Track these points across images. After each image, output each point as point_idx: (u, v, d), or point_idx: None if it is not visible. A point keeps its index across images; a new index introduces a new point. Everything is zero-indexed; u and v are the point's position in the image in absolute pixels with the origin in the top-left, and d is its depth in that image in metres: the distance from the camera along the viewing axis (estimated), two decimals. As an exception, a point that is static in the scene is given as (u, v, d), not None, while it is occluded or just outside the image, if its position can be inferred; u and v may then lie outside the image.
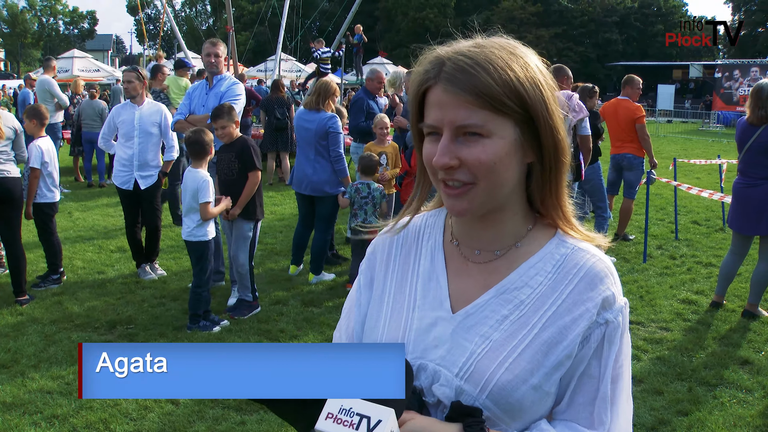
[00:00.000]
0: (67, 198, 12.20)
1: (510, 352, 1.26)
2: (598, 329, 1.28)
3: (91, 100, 13.09)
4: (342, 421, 1.07)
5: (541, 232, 1.36)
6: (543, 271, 1.31)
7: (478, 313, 1.31)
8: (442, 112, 1.21)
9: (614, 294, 1.29)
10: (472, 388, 1.25)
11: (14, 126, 6.43)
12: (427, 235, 1.45)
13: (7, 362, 5.17)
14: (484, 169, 1.21)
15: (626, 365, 1.32)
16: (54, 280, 7.08)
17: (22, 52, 79.50)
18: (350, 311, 1.51)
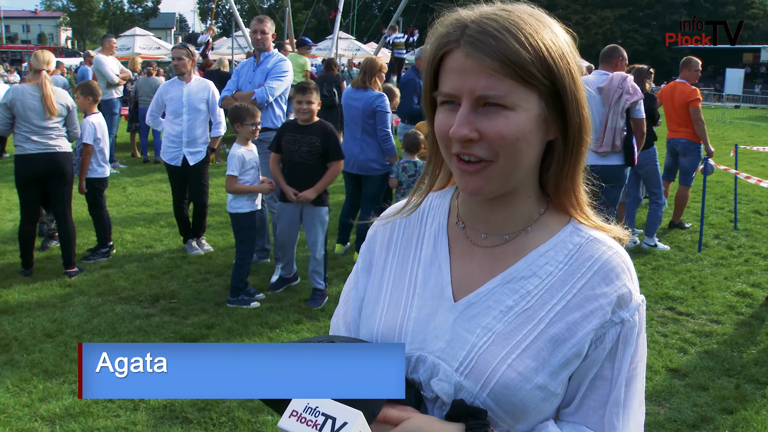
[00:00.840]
0: (123, 173, 12.47)
1: (514, 348, 1.16)
2: (613, 329, 1.18)
3: (147, 77, 13.30)
4: (306, 420, 1.01)
5: (553, 218, 1.25)
6: (554, 260, 1.21)
7: (481, 303, 1.21)
8: (463, 79, 1.10)
9: (631, 291, 1.19)
10: (472, 385, 1.16)
11: (66, 103, 6.54)
12: (431, 217, 1.34)
13: (53, 332, 5.30)
14: (505, 144, 1.10)
15: (641, 367, 1.23)
16: (103, 254, 7.22)
17: (88, 31, 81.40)
18: (348, 296, 1.43)
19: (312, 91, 5.70)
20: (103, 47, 12.53)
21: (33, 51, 7.38)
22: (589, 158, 4.94)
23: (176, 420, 4.06)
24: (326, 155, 5.76)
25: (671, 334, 5.51)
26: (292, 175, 5.80)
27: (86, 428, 3.94)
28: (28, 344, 5.07)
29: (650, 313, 5.96)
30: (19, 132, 6.32)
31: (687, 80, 8.53)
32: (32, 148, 6.32)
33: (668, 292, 6.45)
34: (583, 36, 61.58)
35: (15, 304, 5.88)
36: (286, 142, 5.77)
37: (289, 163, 5.80)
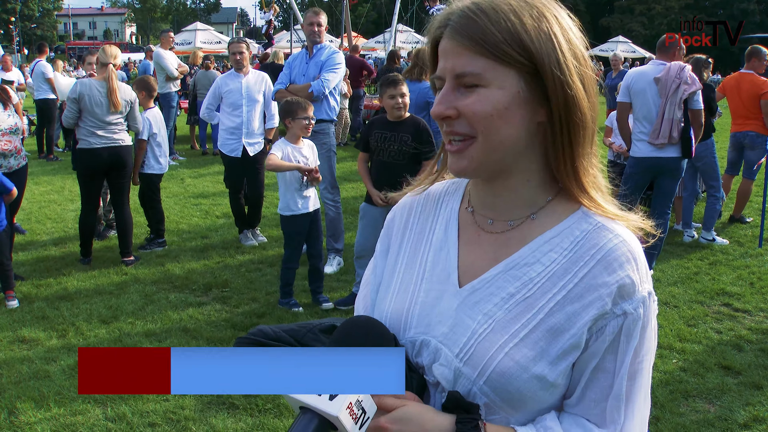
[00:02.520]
0: (182, 165, 12.74)
1: (512, 336, 1.16)
2: (614, 321, 1.14)
3: (206, 71, 13.53)
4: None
5: (562, 204, 1.23)
6: (559, 247, 1.19)
7: (484, 289, 1.21)
8: (444, 61, 1.16)
9: (634, 282, 1.15)
10: (470, 372, 1.16)
11: (130, 98, 6.71)
12: (445, 202, 1.35)
13: (108, 318, 5.46)
14: (480, 120, 1.12)
15: (647, 362, 1.20)
16: (159, 243, 7.40)
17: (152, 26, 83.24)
18: (368, 279, 1.45)
19: (402, 83, 5.34)
20: (161, 42, 12.81)
21: (99, 47, 7.59)
22: (645, 150, 4.89)
23: (223, 405, 4.14)
24: (418, 154, 5.35)
25: (726, 331, 5.36)
26: (380, 176, 5.45)
27: (136, 411, 4.05)
28: (85, 330, 5.24)
29: (705, 309, 5.82)
30: (84, 126, 6.50)
31: (755, 70, 8.26)
32: (97, 143, 6.51)
33: (725, 288, 6.28)
34: (647, 27, 60.27)
35: (74, 291, 6.08)
36: (375, 140, 5.43)
37: (378, 163, 5.48)
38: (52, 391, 4.29)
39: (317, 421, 1.02)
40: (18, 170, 6.01)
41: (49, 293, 6.02)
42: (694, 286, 6.35)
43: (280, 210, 5.68)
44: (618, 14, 66.60)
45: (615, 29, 57.45)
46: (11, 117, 5.95)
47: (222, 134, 7.51)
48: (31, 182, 10.71)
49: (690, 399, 4.31)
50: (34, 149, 13.96)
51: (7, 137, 5.86)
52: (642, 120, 6.29)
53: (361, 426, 1.05)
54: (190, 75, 14.45)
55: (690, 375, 4.61)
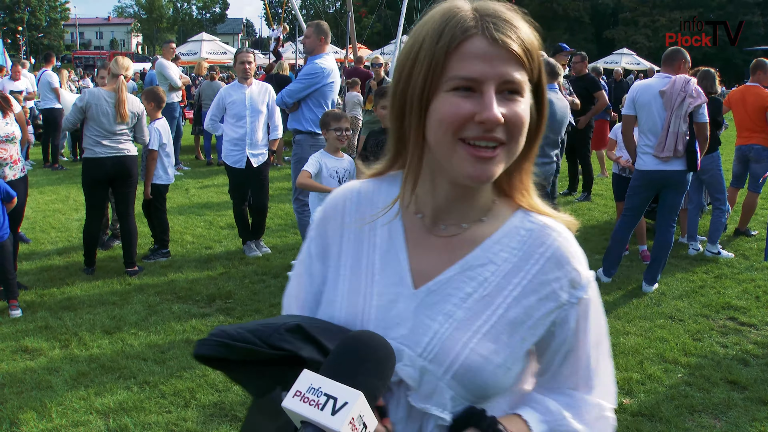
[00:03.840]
0: (186, 175, 12.75)
1: (474, 333, 1.23)
2: (573, 310, 1.27)
3: (210, 81, 13.57)
4: (309, 400, 1.04)
5: (504, 206, 1.32)
6: (508, 247, 1.28)
7: (441, 290, 1.26)
8: (488, 65, 1.12)
9: (580, 272, 1.28)
10: (436, 368, 1.22)
11: (138, 111, 6.72)
12: (381, 203, 1.35)
13: (111, 328, 5.45)
14: (520, 129, 1.16)
15: (603, 327, 1.34)
16: (163, 254, 7.40)
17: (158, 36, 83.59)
18: (300, 278, 1.44)
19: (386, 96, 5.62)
20: (163, 52, 12.86)
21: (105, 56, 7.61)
22: (650, 163, 4.88)
23: (225, 418, 4.12)
24: None
25: (732, 345, 5.33)
26: None
27: (138, 423, 4.04)
28: (87, 340, 5.23)
29: (710, 322, 5.79)
30: (90, 135, 6.51)
31: (760, 83, 8.25)
32: (102, 152, 6.52)
33: (730, 302, 6.25)
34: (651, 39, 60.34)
35: (77, 300, 6.07)
36: (371, 145, 5.60)
37: None
38: (54, 401, 4.27)
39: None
40: (14, 181, 5.94)
41: (53, 303, 6.01)
42: (699, 300, 6.32)
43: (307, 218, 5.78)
44: (622, 26, 66.70)
45: (619, 41, 57.54)
46: (9, 125, 5.93)
47: (226, 145, 7.52)
48: (36, 191, 10.75)
49: (696, 414, 4.28)
50: (40, 158, 14.01)
51: (3, 145, 5.84)
52: (647, 133, 6.27)
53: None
54: (195, 85, 14.49)
55: (696, 390, 4.58)
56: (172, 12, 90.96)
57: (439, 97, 1.15)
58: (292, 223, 8.80)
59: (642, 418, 4.20)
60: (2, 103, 5.97)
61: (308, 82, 6.68)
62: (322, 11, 71.25)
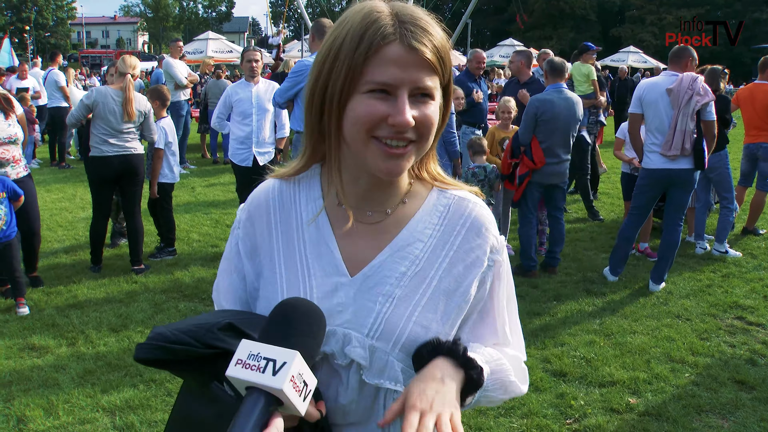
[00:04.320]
0: (192, 174, 12.77)
1: (414, 306, 1.31)
2: (489, 272, 1.39)
3: (217, 80, 13.58)
4: (250, 365, 1.09)
5: (419, 186, 1.42)
6: (430, 224, 1.38)
7: (376, 274, 1.33)
8: (403, 71, 1.20)
9: (496, 237, 1.41)
10: (384, 345, 1.30)
11: (145, 109, 6.72)
12: (303, 199, 1.42)
13: (117, 326, 5.46)
14: (429, 129, 1.25)
15: (511, 289, 1.47)
16: (169, 252, 7.41)
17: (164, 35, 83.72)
18: (230, 275, 1.47)
19: None
20: (171, 51, 12.87)
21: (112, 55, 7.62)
22: (657, 162, 4.86)
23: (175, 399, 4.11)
24: None
25: (740, 345, 5.31)
26: None
27: (144, 420, 4.04)
28: (94, 338, 5.24)
29: (718, 322, 5.77)
30: (96, 134, 6.52)
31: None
32: (109, 150, 6.52)
33: (738, 301, 6.22)
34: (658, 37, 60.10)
35: (83, 299, 6.09)
36: None
37: None
38: (61, 399, 4.28)
39: (264, 399, 1.08)
40: (20, 180, 5.93)
41: (60, 301, 6.03)
42: (706, 299, 6.29)
43: None
44: (629, 24, 66.54)
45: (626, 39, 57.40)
46: (11, 126, 5.92)
47: (232, 143, 7.50)
48: (43, 190, 10.77)
49: (703, 414, 4.26)
50: (47, 157, 14.05)
51: (4, 146, 5.84)
52: (654, 131, 6.25)
53: (304, 399, 1.11)
54: (201, 84, 14.50)
55: (703, 389, 4.56)
56: (178, 11, 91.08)
57: (356, 98, 1.23)
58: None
59: (649, 418, 4.19)
60: (4, 105, 5.97)
61: (294, 80, 6.60)
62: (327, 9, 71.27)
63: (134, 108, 6.54)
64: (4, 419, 4.08)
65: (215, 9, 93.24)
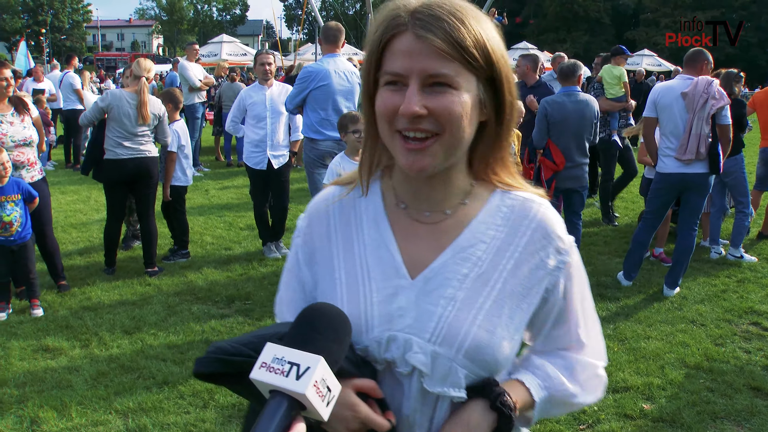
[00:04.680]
0: (206, 176, 12.82)
1: (478, 310, 1.28)
2: (560, 274, 1.35)
3: (231, 83, 13.62)
4: (274, 369, 1.09)
5: (482, 187, 1.38)
6: (493, 225, 1.34)
7: (437, 276, 1.30)
8: (412, 60, 1.18)
9: (563, 239, 1.36)
10: (447, 350, 1.26)
11: (159, 112, 6.75)
12: (362, 203, 1.41)
13: (131, 329, 5.48)
14: (452, 120, 1.20)
15: (586, 288, 1.43)
16: (183, 254, 7.43)
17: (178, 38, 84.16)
18: (290, 285, 1.49)
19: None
20: (186, 53, 12.93)
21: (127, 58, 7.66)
22: (671, 166, 4.82)
23: (243, 419, 4.11)
24: None
25: (755, 351, 5.26)
26: None
27: (156, 423, 4.05)
28: (107, 340, 5.26)
29: (733, 327, 5.72)
30: (111, 136, 6.54)
31: (784, 85, 8.15)
32: (124, 153, 6.55)
33: (753, 307, 6.17)
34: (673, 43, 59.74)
35: (97, 301, 6.12)
36: None
37: None
38: (74, 400, 4.30)
39: (287, 402, 1.07)
40: (34, 183, 5.95)
41: (74, 303, 6.06)
42: (721, 304, 6.24)
43: None
44: (643, 27, 66.19)
45: (640, 42, 57.10)
46: (26, 129, 5.96)
47: (247, 147, 7.51)
48: (58, 192, 10.84)
49: (718, 421, 4.22)
50: (62, 159, 14.13)
51: (20, 149, 5.87)
52: (669, 135, 6.21)
53: (327, 404, 1.10)
54: (216, 87, 14.55)
55: (718, 396, 4.52)
56: (192, 14, 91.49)
57: (379, 91, 1.24)
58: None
59: (663, 424, 4.15)
60: (20, 107, 6.01)
61: (300, 87, 6.65)
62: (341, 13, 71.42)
63: (149, 111, 6.56)
64: (17, 420, 4.10)
65: (229, 12, 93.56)
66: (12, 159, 5.76)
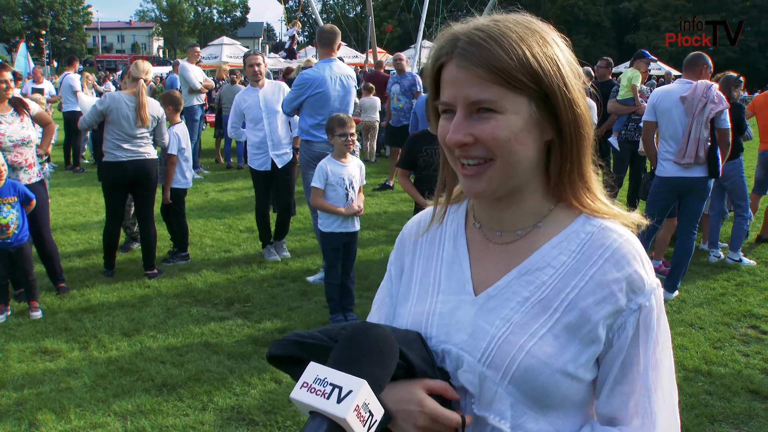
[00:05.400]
0: (206, 179, 12.82)
1: (531, 336, 1.22)
2: (632, 316, 1.22)
3: (231, 85, 13.64)
4: (315, 390, 1.07)
5: (564, 211, 1.31)
6: (567, 250, 1.27)
7: (499, 296, 1.28)
8: (456, 89, 1.18)
9: (642, 277, 1.23)
10: (494, 374, 1.22)
11: (158, 114, 6.76)
12: (450, 220, 1.44)
13: (130, 331, 5.48)
14: (499, 145, 1.18)
15: (667, 350, 1.28)
16: (182, 257, 7.43)
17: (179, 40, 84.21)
18: (382, 302, 1.52)
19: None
20: (188, 56, 12.95)
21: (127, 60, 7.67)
22: (670, 170, 4.82)
23: (242, 422, 4.13)
24: None
25: (753, 354, 5.26)
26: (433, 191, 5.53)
27: (155, 425, 4.05)
28: (106, 342, 5.26)
29: (731, 331, 5.72)
30: (110, 139, 6.55)
31: (784, 88, 8.16)
32: (123, 156, 6.55)
33: (752, 310, 6.17)
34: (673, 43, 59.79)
35: (96, 303, 6.12)
36: (427, 155, 5.41)
37: (429, 179, 5.46)
38: (72, 403, 4.30)
39: (326, 425, 1.05)
40: (31, 185, 5.94)
41: (73, 305, 6.06)
42: (720, 308, 6.25)
43: (318, 225, 5.70)
44: (644, 31, 66.24)
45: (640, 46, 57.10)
46: (25, 129, 5.96)
47: (250, 150, 7.48)
48: (57, 193, 10.85)
49: (716, 424, 4.22)
50: (61, 161, 14.14)
51: (18, 149, 5.88)
52: (668, 139, 6.22)
53: (369, 429, 1.07)
54: (216, 89, 14.56)
55: (716, 399, 4.52)
56: (193, 16, 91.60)
57: (441, 117, 1.26)
58: (311, 227, 8.80)
59: (661, 427, 4.15)
60: (19, 106, 6.01)
61: (296, 92, 6.63)
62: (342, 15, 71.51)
63: (147, 113, 6.57)
64: (15, 422, 4.10)
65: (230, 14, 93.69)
66: (10, 160, 5.77)
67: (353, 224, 5.63)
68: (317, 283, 6.63)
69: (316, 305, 6.08)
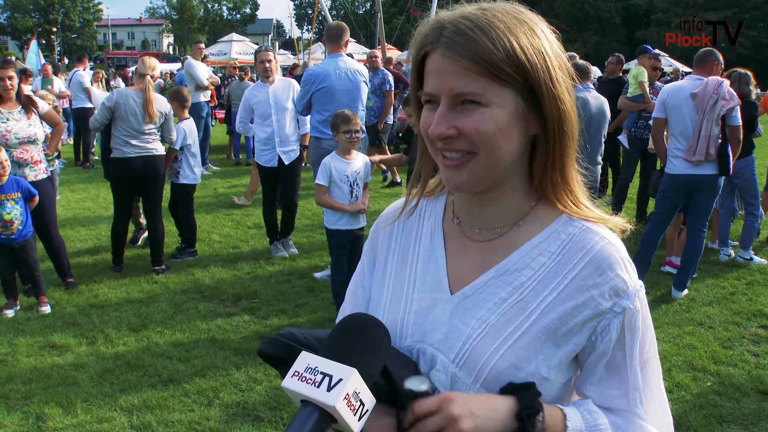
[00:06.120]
0: (215, 175, 12.83)
1: (506, 339, 1.20)
2: (615, 319, 1.20)
3: (240, 81, 13.64)
4: (306, 378, 1.07)
5: (545, 210, 1.28)
6: (547, 251, 1.24)
7: (476, 295, 1.25)
8: (440, 80, 1.14)
9: (625, 279, 1.21)
10: (466, 376, 1.20)
11: (165, 110, 6.77)
12: (428, 214, 1.39)
13: (137, 326, 5.49)
14: (483, 139, 1.14)
15: (653, 350, 1.27)
16: (190, 253, 7.44)
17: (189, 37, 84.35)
18: (354, 294, 1.48)
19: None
20: (192, 52, 12.97)
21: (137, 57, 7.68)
22: (680, 167, 4.77)
23: (248, 417, 4.12)
24: None
25: (763, 354, 5.22)
26: None
27: (161, 420, 4.06)
28: (114, 337, 5.28)
29: (741, 330, 5.68)
30: (118, 135, 6.57)
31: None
32: (131, 152, 6.57)
33: (762, 309, 6.12)
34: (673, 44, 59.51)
35: (104, 298, 6.14)
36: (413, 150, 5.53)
37: None
38: (79, 397, 4.32)
39: (317, 414, 1.05)
40: (38, 182, 5.95)
41: (81, 300, 6.08)
42: (730, 307, 6.20)
43: (325, 222, 5.70)
44: (654, 27, 65.87)
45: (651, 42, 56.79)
46: (32, 126, 5.97)
47: (257, 145, 7.50)
48: (67, 189, 10.90)
49: (725, 424, 4.19)
50: (71, 157, 14.19)
51: (24, 146, 5.89)
52: (678, 136, 6.17)
53: (360, 418, 1.07)
54: (224, 86, 14.57)
55: (725, 399, 4.49)
56: (202, 13, 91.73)
57: (423, 108, 1.22)
58: (318, 223, 8.80)
59: (669, 427, 4.12)
60: (28, 105, 6.03)
61: (303, 89, 6.77)
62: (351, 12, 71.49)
63: (155, 108, 6.58)
64: (23, 416, 4.12)
65: (240, 11, 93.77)
66: (15, 156, 5.79)
67: (359, 221, 5.62)
68: (325, 279, 6.63)
69: (323, 302, 6.07)
